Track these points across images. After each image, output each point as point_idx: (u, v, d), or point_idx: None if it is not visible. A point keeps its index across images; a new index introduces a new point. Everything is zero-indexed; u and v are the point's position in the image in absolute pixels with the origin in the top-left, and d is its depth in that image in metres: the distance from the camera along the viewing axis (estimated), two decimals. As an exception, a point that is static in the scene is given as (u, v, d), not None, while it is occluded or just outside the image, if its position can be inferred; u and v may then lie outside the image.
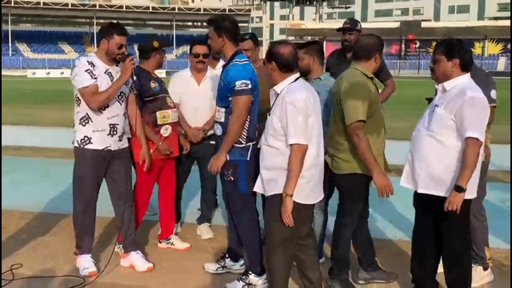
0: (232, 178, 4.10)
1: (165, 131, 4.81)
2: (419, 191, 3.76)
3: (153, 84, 4.75)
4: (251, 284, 4.18)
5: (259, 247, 4.27)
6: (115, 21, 4.60)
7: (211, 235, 5.45)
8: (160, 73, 30.42)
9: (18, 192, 7.16)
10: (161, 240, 5.16)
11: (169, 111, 4.83)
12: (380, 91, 5.44)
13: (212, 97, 4.90)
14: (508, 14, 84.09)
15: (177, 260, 4.86)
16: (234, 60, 4.06)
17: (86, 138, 4.38)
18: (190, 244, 5.17)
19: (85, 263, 4.51)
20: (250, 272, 4.22)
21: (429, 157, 3.67)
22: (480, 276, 4.33)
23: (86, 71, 4.28)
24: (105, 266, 4.48)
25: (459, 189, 3.49)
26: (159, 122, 4.78)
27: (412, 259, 4.09)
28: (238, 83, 3.93)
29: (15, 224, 5.81)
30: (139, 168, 4.75)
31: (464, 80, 3.64)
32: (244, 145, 4.08)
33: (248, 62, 4.12)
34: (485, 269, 4.38)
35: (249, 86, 3.97)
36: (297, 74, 3.76)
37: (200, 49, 5.18)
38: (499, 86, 4.48)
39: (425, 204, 3.82)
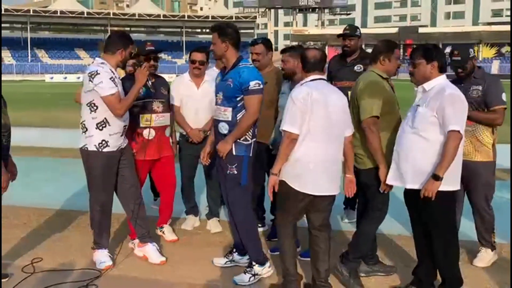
0: (236, 172, 4.18)
1: (148, 134, 4.82)
2: (408, 187, 3.80)
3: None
4: (257, 274, 4.21)
5: (257, 238, 4.37)
6: (123, 30, 4.64)
7: (219, 229, 5.48)
8: (171, 77, 30.46)
9: (38, 190, 7.20)
10: (157, 227, 5.26)
11: (153, 115, 4.83)
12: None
13: (211, 99, 4.89)
14: (501, 19, 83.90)
15: (187, 253, 4.87)
16: (242, 64, 4.14)
17: (103, 142, 4.37)
18: (201, 238, 5.22)
19: (102, 258, 4.52)
20: (253, 263, 4.26)
21: (415, 153, 3.72)
22: (489, 256, 4.58)
23: (110, 78, 4.28)
24: (115, 259, 4.49)
25: (435, 177, 3.56)
26: (141, 125, 4.81)
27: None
28: (252, 83, 4.05)
29: (35, 221, 5.85)
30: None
31: (441, 80, 3.75)
32: (249, 141, 4.18)
33: (254, 66, 4.26)
34: (492, 250, 4.61)
35: (261, 86, 4.10)
36: (317, 75, 3.88)
37: (197, 56, 5.24)
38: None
39: (415, 200, 3.81)
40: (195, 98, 5.25)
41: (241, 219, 4.31)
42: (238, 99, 4.12)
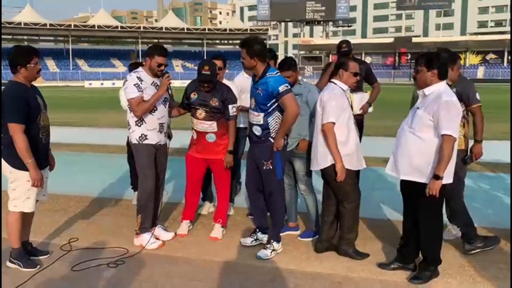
0: (271, 167, 4.25)
1: (194, 134, 4.80)
2: (402, 177, 3.81)
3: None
4: (275, 249, 4.35)
5: (283, 222, 4.60)
6: (156, 42, 4.68)
7: (231, 213, 5.51)
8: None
9: (77, 181, 7.29)
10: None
11: (195, 120, 4.72)
12: (368, 92, 5.48)
13: None
14: (486, 30, 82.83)
15: (203, 234, 4.87)
16: (268, 74, 4.18)
17: (142, 136, 4.48)
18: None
19: (151, 239, 4.54)
20: (272, 241, 4.37)
21: (410, 150, 3.72)
22: (455, 232, 4.63)
23: (134, 85, 4.37)
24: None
25: (436, 177, 3.55)
26: (192, 125, 4.79)
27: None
28: (281, 87, 4.09)
29: (74, 206, 5.93)
30: None
31: (441, 86, 3.67)
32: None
33: (279, 73, 4.28)
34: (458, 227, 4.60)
35: (289, 87, 4.16)
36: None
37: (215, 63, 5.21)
38: (479, 91, 4.60)
39: (409, 188, 3.84)
40: None
41: (276, 208, 4.42)
42: (268, 105, 4.17)
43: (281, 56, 74.19)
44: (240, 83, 5.51)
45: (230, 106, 4.63)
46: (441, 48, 4.24)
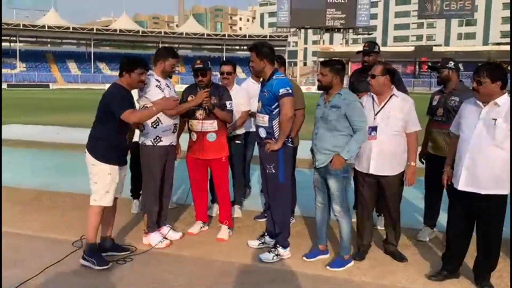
0: (274, 171, 4.31)
1: (192, 137, 4.88)
2: (483, 193, 3.66)
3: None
4: (279, 254, 4.37)
5: (289, 227, 4.54)
6: (167, 46, 4.84)
7: (239, 215, 5.62)
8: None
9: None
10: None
11: (194, 121, 4.79)
12: None
13: (237, 104, 5.13)
14: (508, 40, 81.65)
15: (209, 235, 4.97)
16: (275, 76, 4.29)
17: (157, 138, 4.59)
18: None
19: (159, 238, 4.69)
20: (278, 246, 4.41)
21: (494, 163, 3.60)
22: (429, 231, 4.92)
23: (156, 86, 4.51)
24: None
25: None
26: (190, 127, 4.89)
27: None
28: (282, 90, 4.18)
29: (87, 205, 6.08)
30: None
31: (506, 95, 3.64)
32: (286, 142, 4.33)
33: (285, 76, 4.39)
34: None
35: (290, 91, 4.23)
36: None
37: (225, 68, 5.39)
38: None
39: (481, 203, 3.70)
40: None
41: (280, 212, 4.45)
42: (273, 107, 4.24)
43: (300, 63, 73.91)
44: (247, 89, 5.64)
45: (227, 102, 4.82)
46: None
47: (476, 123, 3.66)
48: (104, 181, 4.18)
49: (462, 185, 3.74)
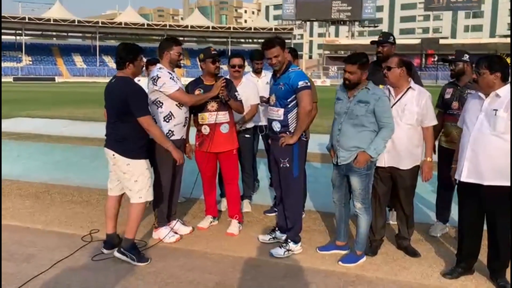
0: (288, 165, 4.25)
1: (205, 130, 4.79)
2: (486, 183, 3.61)
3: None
4: (290, 250, 4.33)
5: (301, 222, 4.48)
6: (169, 37, 4.78)
7: (249, 210, 5.58)
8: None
9: (100, 174, 7.44)
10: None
11: (207, 114, 4.72)
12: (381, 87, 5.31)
13: (246, 98, 5.07)
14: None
15: (219, 230, 4.94)
16: (291, 69, 4.21)
17: (170, 132, 4.53)
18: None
19: (169, 232, 4.65)
20: (289, 240, 4.36)
21: (495, 153, 3.56)
22: (442, 226, 4.90)
23: (170, 78, 4.44)
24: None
25: None
26: (199, 121, 4.79)
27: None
28: (301, 82, 4.11)
29: (95, 199, 6.09)
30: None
31: (508, 87, 3.60)
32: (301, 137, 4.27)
33: (300, 69, 4.32)
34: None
35: (309, 84, 4.17)
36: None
37: (236, 61, 5.31)
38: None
39: (486, 195, 3.66)
40: None
41: (292, 206, 4.39)
42: (288, 100, 4.16)
43: (305, 56, 73.63)
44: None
45: (236, 93, 4.79)
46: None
47: (478, 115, 3.65)
48: (145, 177, 4.16)
49: (464, 177, 3.72)
